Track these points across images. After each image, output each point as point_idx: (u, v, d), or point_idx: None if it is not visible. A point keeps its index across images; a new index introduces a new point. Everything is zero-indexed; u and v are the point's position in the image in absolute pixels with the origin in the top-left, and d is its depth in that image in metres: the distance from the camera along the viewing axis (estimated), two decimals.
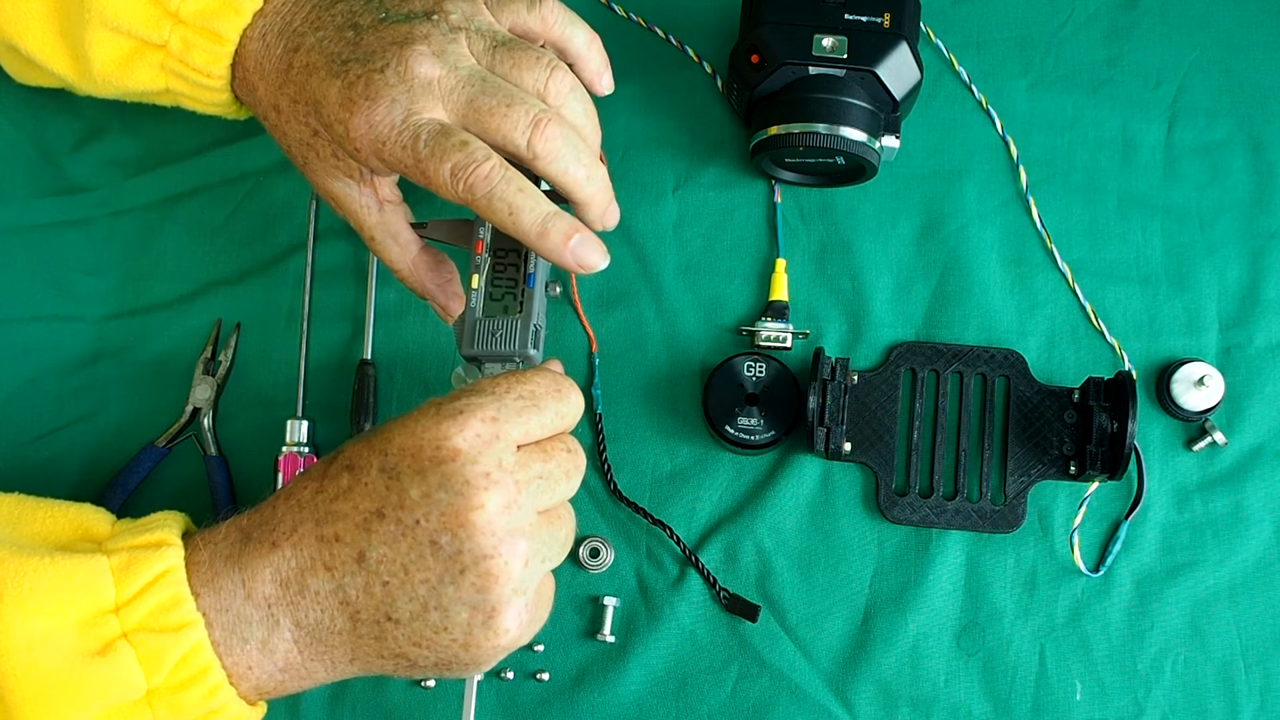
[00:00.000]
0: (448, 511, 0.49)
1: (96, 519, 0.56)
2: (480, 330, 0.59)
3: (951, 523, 0.69)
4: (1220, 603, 0.68)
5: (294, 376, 0.72)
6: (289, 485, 0.53)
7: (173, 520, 0.55)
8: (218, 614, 0.51)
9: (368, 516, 0.50)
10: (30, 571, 0.50)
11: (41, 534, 0.55)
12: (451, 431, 0.49)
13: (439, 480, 0.49)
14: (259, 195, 0.74)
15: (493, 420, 0.50)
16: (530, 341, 0.59)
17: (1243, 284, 0.72)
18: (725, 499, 0.70)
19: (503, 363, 0.59)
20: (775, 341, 0.71)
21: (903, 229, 0.73)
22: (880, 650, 0.68)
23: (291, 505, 0.52)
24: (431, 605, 0.50)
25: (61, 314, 0.73)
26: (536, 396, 0.52)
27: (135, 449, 0.70)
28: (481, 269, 0.60)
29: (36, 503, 0.56)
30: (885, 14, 0.67)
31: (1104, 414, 0.67)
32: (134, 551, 0.52)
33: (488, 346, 0.59)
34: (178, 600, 0.50)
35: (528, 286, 0.59)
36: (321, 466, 0.52)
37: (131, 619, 0.50)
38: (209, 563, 0.52)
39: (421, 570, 0.49)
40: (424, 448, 0.49)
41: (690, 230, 0.74)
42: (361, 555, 0.50)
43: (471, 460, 0.49)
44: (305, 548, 0.50)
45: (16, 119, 0.75)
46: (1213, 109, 0.74)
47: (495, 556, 0.49)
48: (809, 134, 0.66)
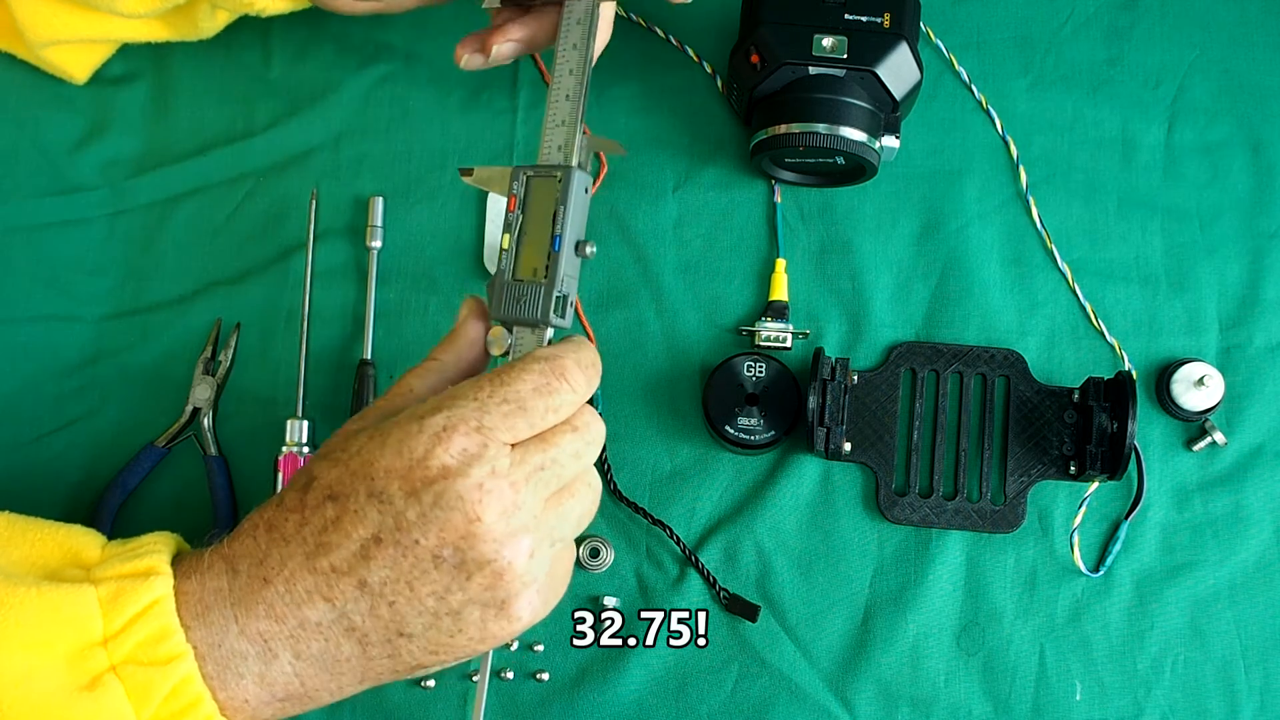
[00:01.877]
0: (446, 527, 0.48)
1: (86, 542, 0.54)
2: (507, 294, 0.56)
3: (951, 523, 0.69)
4: (1220, 603, 0.68)
5: (294, 376, 0.71)
6: (266, 514, 0.51)
7: (163, 544, 0.53)
8: (210, 648, 0.49)
9: (364, 544, 0.49)
10: (17, 604, 0.49)
11: (30, 558, 0.53)
12: (437, 449, 0.48)
13: (432, 499, 0.48)
14: (259, 195, 0.74)
15: (477, 430, 0.48)
16: (554, 309, 0.55)
17: (1243, 284, 0.72)
18: (725, 499, 0.70)
19: (531, 328, 0.56)
20: (775, 341, 0.71)
21: (903, 229, 0.73)
22: (880, 650, 0.68)
23: (275, 539, 0.50)
24: (442, 613, 0.49)
25: (61, 314, 0.73)
26: (522, 398, 0.50)
27: (135, 449, 0.70)
28: (513, 228, 0.56)
29: (26, 523, 0.55)
30: (885, 14, 0.67)
31: (1104, 414, 0.67)
32: (122, 581, 0.50)
33: (513, 312, 0.55)
34: (167, 632, 0.49)
35: (553, 250, 0.55)
36: (296, 496, 0.50)
37: (120, 652, 0.49)
38: (198, 594, 0.50)
39: (427, 584, 0.49)
40: (412, 468, 0.48)
41: (690, 230, 0.74)
42: (362, 582, 0.49)
43: (461, 475, 0.48)
44: (299, 582, 0.49)
45: (16, 118, 0.75)
46: (1213, 109, 0.74)
47: (498, 559, 0.48)
48: (809, 134, 0.66)
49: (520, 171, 0.56)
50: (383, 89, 0.76)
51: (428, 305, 0.73)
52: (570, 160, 0.55)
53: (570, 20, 0.58)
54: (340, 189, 0.74)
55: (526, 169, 0.56)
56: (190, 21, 0.70)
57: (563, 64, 0.57)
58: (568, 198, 0.54)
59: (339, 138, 0.75)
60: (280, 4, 0.67)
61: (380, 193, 0.74)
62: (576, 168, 0.55)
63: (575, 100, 0.56)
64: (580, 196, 0.55)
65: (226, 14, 0.70)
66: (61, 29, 0.68)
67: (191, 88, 0.76)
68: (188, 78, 0.76)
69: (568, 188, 0.54)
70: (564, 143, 0.56)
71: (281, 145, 0.75)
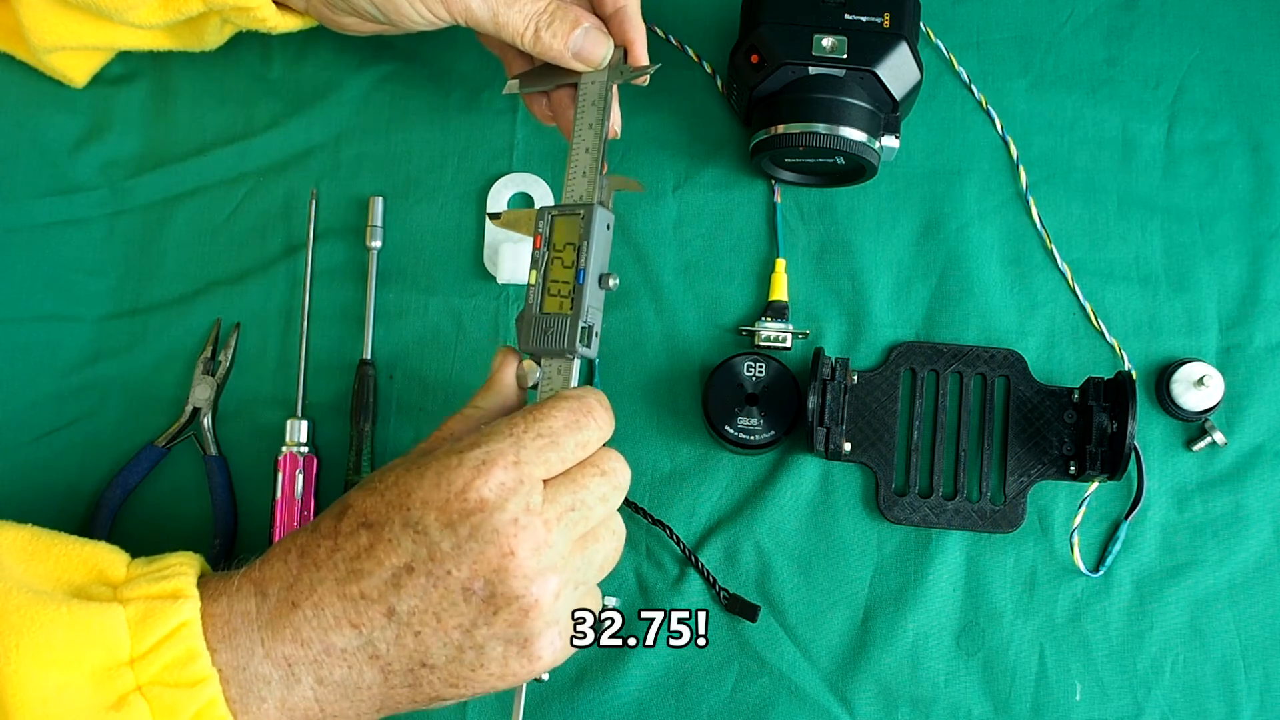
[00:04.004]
0: (479, 560, 0.49)
1: (111, 559, 0.55)
2: (535, 327, 0.59)
3: (951, 523, 0.69)
4: (1220, 603, 0.68)
5: (294, 376, 0.72)
6: (299, 539, 0.52)
7: (188, 565, 0.54)
8: (234, 671, 0.50)
9: (396, 572, 0.49)
10: (48, 620, 0.49)
11: (55, 574, 0.54)
12: (476, 482, 0.49)
13: (468, 531, 0.49)
14: (259, 195, 0.74)
15: (514, 465, 0.50)
16: (580, 339, 0.58)
17: (1243, 284, 0.72)
18: (725, 499, 0.70)
19: (557, 359, 0.58)
20: (775, 341, 0.71)
21: (903, 229, 0.73)
22: (880, 650, 0.68)
23: (307, 564, 0.51)
24: (466, 646, 0.50)
25: (61, 314, 0.73)
26: (555, 433, 0.52)
27: (135, 449, 0.70)
28: (539, 264, 0.59)
29: (51, 538, 0.55)
30: (885, 14, 0.67)
31: (1104, 414, 0.67)
32: (150, 602, 0.51)
33: (541, 344, 0.58)
34: (193, 655, 0.49)
35: (578, 282, 0.58)
36: (331, 523, 0.51)
37: (147, 673, 0.49)
38: (225, 617, 0.51)
39: (454, 616, 0.49)
40: (450, 500, 0.49)
41: (690, 230, 0.74)
42: (391, 610, 0.49)
43: (499, 508, 0.49)
44: (327, 607, 0.50)
45: (16, 119, 0.75)
46: (1213, 109, 0.74)
47: (526, 595, 0.49)
48: (809, 134, 0.66)
49: (545, 211, 0.60)
50: (383, 89, 0.76)
51: (428, 305, 0.73)
52: (592, 198, 0.59)
53: (585, 102, 0.62)
54: (340, 189, 0.74)
55: (551, 209, 0.59)
56: (197, 34, 0.71)
57: (579, 143, 0.61)
58: (590, 234, 0.58)
59: (339, 138, 0.75)
60: (289, 23, 0.68)
61: (380, 193, 0.74)
62: (598, 205, 0.58)
63: (594, 153, 0.60)
64: (602, 233, 0.58)
65: (234, 27, 0.71)
66: (67, 36, 0.68)
67: (191, 88, 0.76)
68: (187, 78, 0.76)
69: (590, 224, 0.58)
70: (585, 190, 0.60)
71: (281, 145, 0.75)
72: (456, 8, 0.60)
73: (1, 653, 0.49)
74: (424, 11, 0.61)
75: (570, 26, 0.60)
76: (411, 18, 0.61)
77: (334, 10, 0.64)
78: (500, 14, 0.60)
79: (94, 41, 0.69)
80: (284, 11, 0.67)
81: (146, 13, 0.65)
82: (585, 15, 0.61)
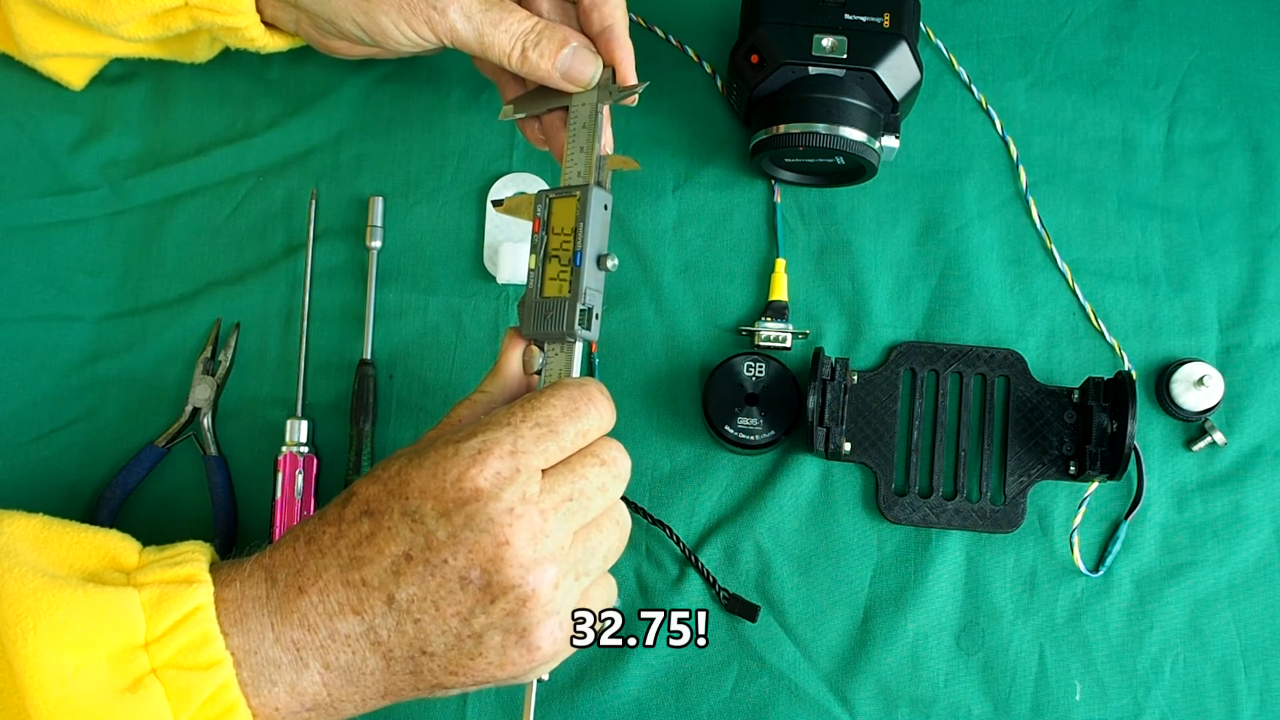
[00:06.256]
0: (475, 549, 0.49)
1: (124, 546, 0.55)
2: (536, 312, 0.58)
3: (951, 523, 0.69)
4: (1220, 603, 0.68)
5: (294, 376, 0.72)
6: (307, 527, 0.53)
7: (200, 552, 0.54)
8: (246, 655, 0.50)
9: (395, 560, 0.50)
10: (64, 603, 0.50)
11: (68, 560, 0.54)
12: (471, 471, 0.49)
13: (464, 520, 0.49)
14: (259, 195, 0.74)
15: (511, 454, 0.50)
16: (580, 322, 0.57)
17: (1243, 284, 0.72)
18: (725, 499, 0.70)
19: (559, 343, 0.58)
20: (775, 341, 0.71)
21: (903, 229, 0.73)
22: (880, 650, 0.68)
23: (313, 551, 0.51)
24: (465, 634, 0.50)
25: (61, 314, 0.73)
26: (553, 421, 0.52)
27: (135, 449, 0.70)
28: (538, 248, 0.59)
29: (62, 525, 0.56)
30: (885, 14, 0.67)
31: (1104, 414, 0.67)
32: (165, 586, 0.51)
33: (542, 328, 0.58)
34: (207, 638, 0.50)
35: (575, 264, 0.57)
36: (336, 510, 0.52)
37: (161, 655, 0.50)
38: (237, 602, 0.51)
39: (452, 604, 0.49)
40: (446, 489, 0.49)
41: (690, 230, 0.74)
42: (391, 597, 0.50)
43: (494, 498, 0.49)
44: (332, 593, 0.50)
45: (16, 119, 0.75)
46: (1213, 109, 0.74)
47: (523, 585, 0.49)
48: (809, 134, 0.66)
49: (543, 194, 0.59)
50: (383, 89, 0.76)
51: (428, 305, 0.73)
52: (588, 179, 0.58)
53: (576, 124, 0.61)
54: (340, 189, 0.74)
55: (549, 192, 0.59)
56: (187, 48, 0.72)
57: (571, 166, 0.60)
58: (587, 214, 0.57)
59: (339, 138, 0.75)
60: (278, 43, 0.68)
61: (380, 193, 0.74)
62: (595, 185, 0.57)
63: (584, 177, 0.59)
64: (599, 213, 0.57)
65: (223, 43, 0.71)
66: (58, 44, 0.69)
67: (191, 88, 0.76)
68: (187, 78, 0.76)
69: (586, 205, 0.57)
70: (582, 169, 0.59)
71: (281, 145, 0.75)
72: (442, 29, 0.60)
73: (19, 635, 0.49)
74: (410, 34, 0.61)
75: (558, 46, 0.60)
76: (398, 40, 0.61)
77: (322, 33, 0.65)
78: (486, 35, 0.60)
79: (84, 50, 0.69)
80: (272, 32, 0.67)
81: (136, 28, 0.65)
82: (573, 34, 0.61)
